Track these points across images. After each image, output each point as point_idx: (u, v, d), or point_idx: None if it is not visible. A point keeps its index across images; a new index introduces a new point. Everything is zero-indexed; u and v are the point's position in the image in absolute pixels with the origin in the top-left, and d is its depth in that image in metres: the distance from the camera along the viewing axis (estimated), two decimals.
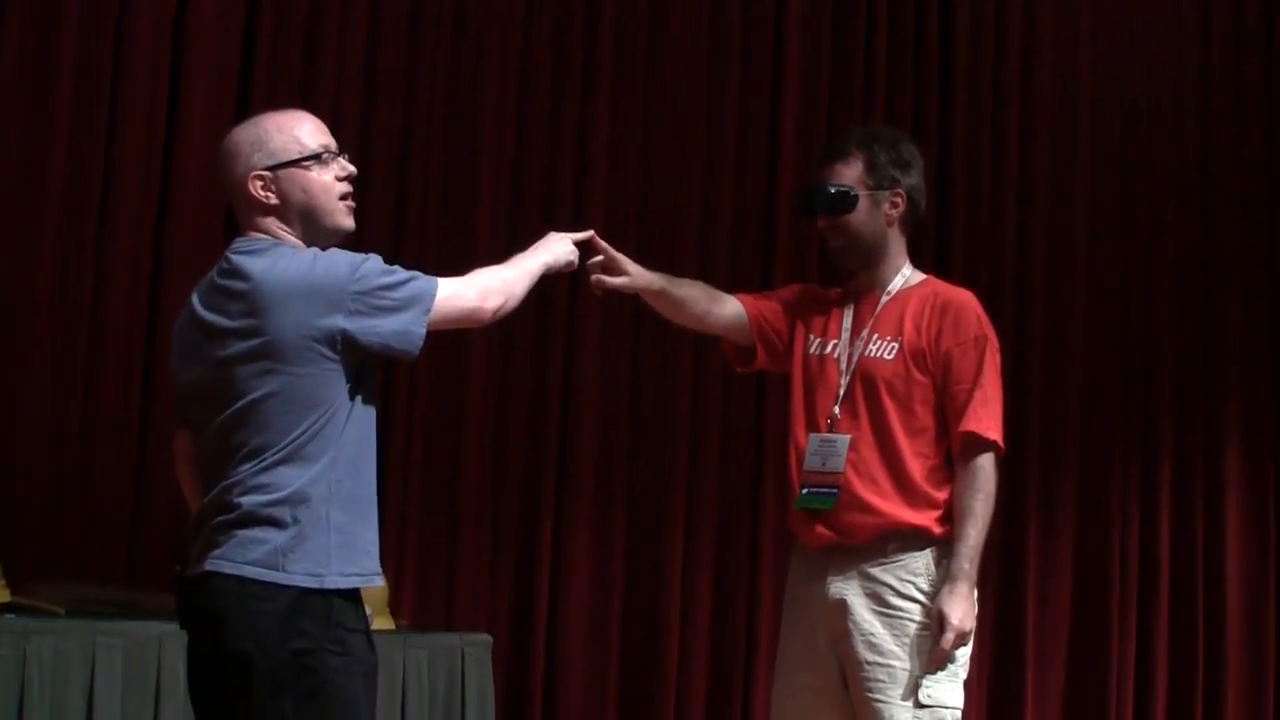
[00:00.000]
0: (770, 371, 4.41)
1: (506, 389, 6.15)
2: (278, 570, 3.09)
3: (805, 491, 4.00)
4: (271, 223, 3.27)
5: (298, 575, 3.09)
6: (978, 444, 3.95)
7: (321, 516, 3.13)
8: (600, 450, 6.25)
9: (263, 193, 3.25)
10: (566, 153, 6.28)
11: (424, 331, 3.21)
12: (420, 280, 3.24)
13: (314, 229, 3.29)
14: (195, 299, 3.28)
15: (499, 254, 5.98)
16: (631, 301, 6.23)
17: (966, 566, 3.88)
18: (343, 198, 3.33)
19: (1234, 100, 7.15)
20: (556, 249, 3.62)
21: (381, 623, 5.14)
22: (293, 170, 3.27)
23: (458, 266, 5.96)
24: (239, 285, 3.16)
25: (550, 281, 6.05)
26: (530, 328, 6.16)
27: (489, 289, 3.36)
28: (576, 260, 3.67)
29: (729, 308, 4.20)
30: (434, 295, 3.23)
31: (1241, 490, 6.93)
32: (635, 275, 4.07)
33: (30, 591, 4.72)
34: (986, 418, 3.96)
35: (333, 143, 3.34)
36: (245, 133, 3.30)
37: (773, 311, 4.21)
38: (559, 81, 6.31)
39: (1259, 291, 7.06)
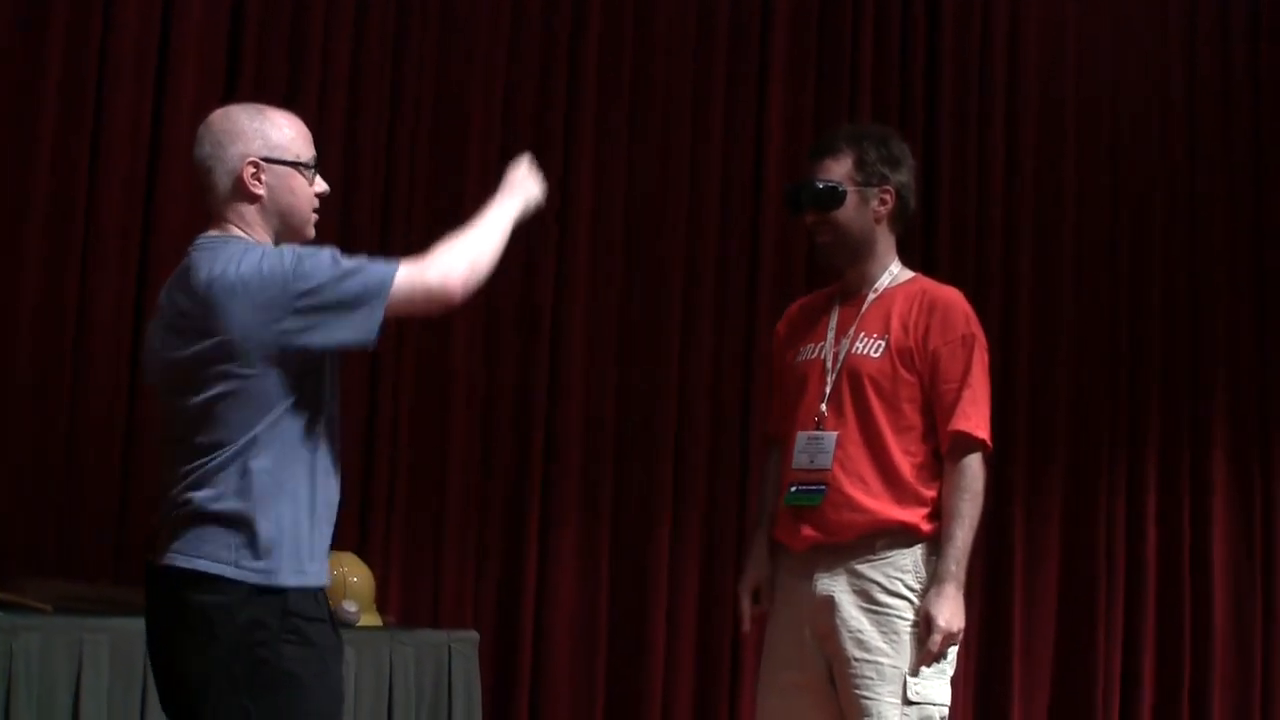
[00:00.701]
0: None
1: (493, 386, 6.14)
2: (230, 565, 3.09)
3: (794, 489, 4.00)
4: (251, 212, 3.26)
5: (248, 572, 3.10)
6: (967, 443, 3.95)
7: (273, 515, 3.13)
8: (587, 445, 6.23)
9: (252, 181, 3.24)
10: (553, 152, 6.25)
11: (378, 324, 3.13)
12: (374, 269, 3.16)
13: (287, 230, 3.30)
14: (161, 296, 3.31)
15: None
16: (616, 303, 6.26)
17: (954, 567, 3.88)
18: (314, 211, 3.36)
19: (1220, 98, 7.16)
20: (525, 194, 3.47)
21: (368, 619, 5.14)
22: (288, 170, 3.27)
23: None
24: (193, 286, 3.16)
25: (535, 281, 6.15)
26: (516, 324, 6.15)
27: (451, 267, 3.21)
28: (545, 197, 3.51)
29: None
30: (389, 284, 3.14)
31: (1227, 490, 6.95)
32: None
33: (17, 589, 4.70)
34: (975, 416, 3.96)
35: (316, 156, 3.36)
36: (248, 117, 3.29)
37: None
38: (545, 80, 6.30)
39: (1244, 292, 7.07)
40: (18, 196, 5.43)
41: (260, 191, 3.25)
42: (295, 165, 3.28)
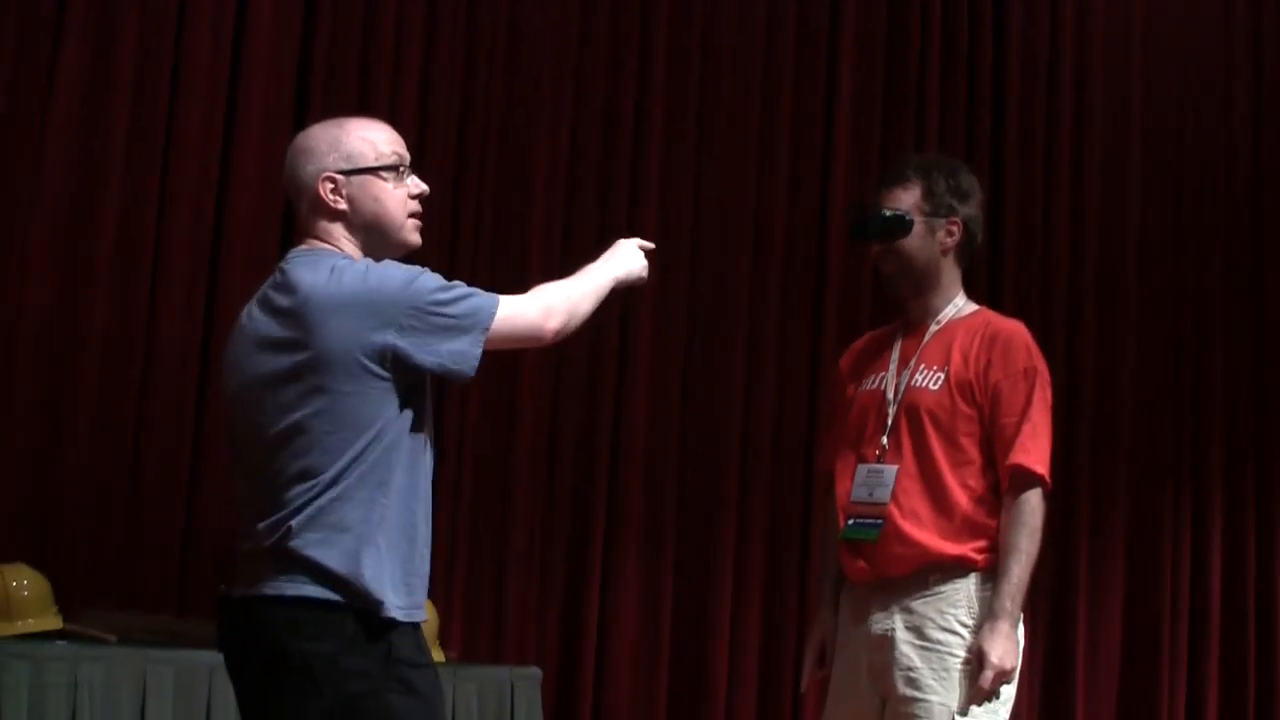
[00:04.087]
0: None
1: (556, 424, 6.15)
2: (334, 594, 2.95)
3: (851, 522, 3.95)
4: (336, 229, 3.15)
5: (355, 602, 2.96)
6: (1025, 478, 3.86)
7: (375, 544, 2.99)
8: (650, 482, 6.24)
9: (332, 196, 3.14)
10: (619, 186, 6.30)
11: (480, 352, 3.04)
12: (478, 298, 3.07)
13: (379, 241, 3.17)
14: (245, 313, 3.17)
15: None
16: (682, 339, 6.26)
17: (1008, 604, 3.79)
18: (412, 215, 3.22)
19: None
20: (628, 263, 3.40)
21: (431, 654, 5.14)
22: (368, 178, 3.15)
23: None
24: (287, 299, 3.04)
25: (601, 317, 6.12)
26: (582, 361, 6.16)
27: (551, 308, 3.15)
28: (647, 274, 3.45)
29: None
30: (493, 314, 3.06)
31: None
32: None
33: (81, 619, 4.73)
34: (1035, 451, 3.87)
35: (408, 156, 3.24)
36: (324, 131, 3.19)
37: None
38: (610, 108, 6.35)
39: None
40: (88, 224, 5.50)
41: (342, 206, 3.15)
42: (374, 171, 3.16)
